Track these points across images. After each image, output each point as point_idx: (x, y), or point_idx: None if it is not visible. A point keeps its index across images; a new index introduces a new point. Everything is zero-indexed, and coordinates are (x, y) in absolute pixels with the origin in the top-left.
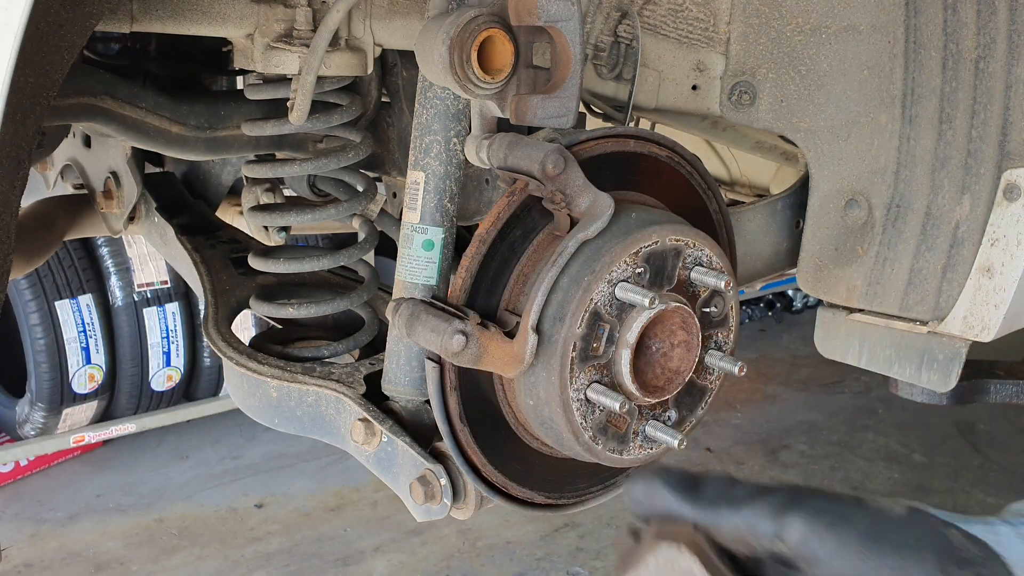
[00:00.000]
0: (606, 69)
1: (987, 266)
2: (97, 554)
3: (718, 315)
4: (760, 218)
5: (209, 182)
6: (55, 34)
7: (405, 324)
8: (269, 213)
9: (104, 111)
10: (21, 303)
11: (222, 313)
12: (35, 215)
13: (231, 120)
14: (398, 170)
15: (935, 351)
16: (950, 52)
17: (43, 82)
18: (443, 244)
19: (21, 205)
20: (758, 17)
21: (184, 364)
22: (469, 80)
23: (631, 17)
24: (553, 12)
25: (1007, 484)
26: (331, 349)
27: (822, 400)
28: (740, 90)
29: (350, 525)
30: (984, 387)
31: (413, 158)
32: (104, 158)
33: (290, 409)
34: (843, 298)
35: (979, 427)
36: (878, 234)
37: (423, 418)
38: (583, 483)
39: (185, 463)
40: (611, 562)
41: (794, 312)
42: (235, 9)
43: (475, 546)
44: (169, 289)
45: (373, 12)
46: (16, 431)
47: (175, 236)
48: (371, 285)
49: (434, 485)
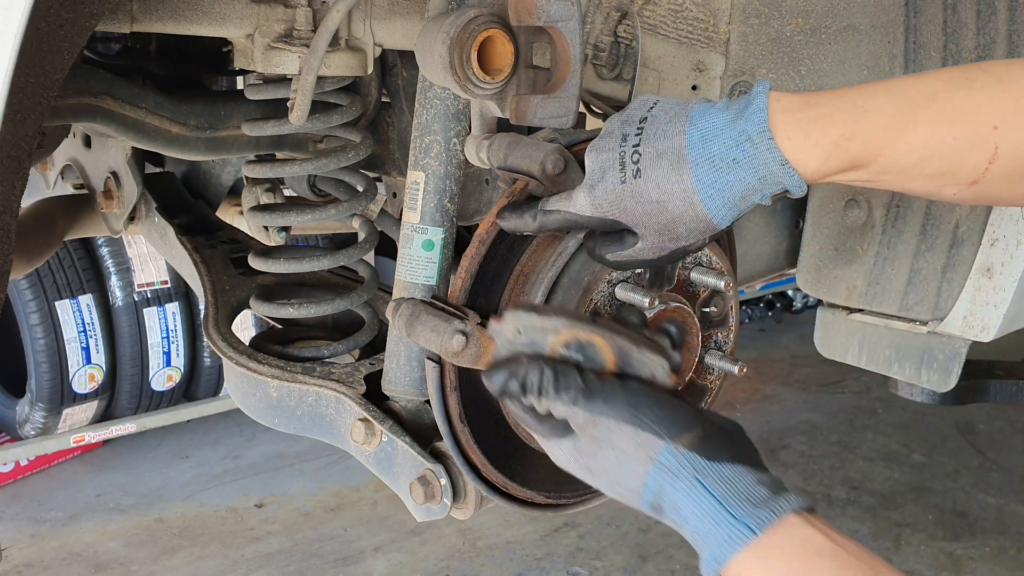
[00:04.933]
0: (606, 69)
1: (987, 266)
2: (97, 554)
3: (718, 315)
4: (760, 218)
5: (209, 182)
6: (55, 34)
7: (405, 324)
8: (269, 213)
9: (104, 111)
10: (21, 303)
11: (222, 313)
12: (35, 215)
13: (231, 120)
14: (398, 170)
15: (935, 351)
16: (950, 52)
17: (43, 82)
18: (443, 244)
19: (21, 205)
20: (758, 17)
21: (184, 364)
22: (469, 80)
23: (631, 17)
24: (553, 12)
25: (1007, 484)
26: (331, 349)
27: (822, 400)
28: (740, 90)
29: (350, 525)
30: (984, 387)
31: (413, 158)
32: (104, 158)
33: (290, 409)
34: (843, 298)
35: (979, 427)
36: (878, 234)
37: (423, 418)
38: (583, 483)
39: (185, 463)
40: (611, 562)
41: (794, 312)
42: (235, 9)
43: (475, 546)
44: (169, 289)
45: (373, 12)
46: (16, 431)
47: (175, 236)
48: (371, 285)
49: (434, 485)
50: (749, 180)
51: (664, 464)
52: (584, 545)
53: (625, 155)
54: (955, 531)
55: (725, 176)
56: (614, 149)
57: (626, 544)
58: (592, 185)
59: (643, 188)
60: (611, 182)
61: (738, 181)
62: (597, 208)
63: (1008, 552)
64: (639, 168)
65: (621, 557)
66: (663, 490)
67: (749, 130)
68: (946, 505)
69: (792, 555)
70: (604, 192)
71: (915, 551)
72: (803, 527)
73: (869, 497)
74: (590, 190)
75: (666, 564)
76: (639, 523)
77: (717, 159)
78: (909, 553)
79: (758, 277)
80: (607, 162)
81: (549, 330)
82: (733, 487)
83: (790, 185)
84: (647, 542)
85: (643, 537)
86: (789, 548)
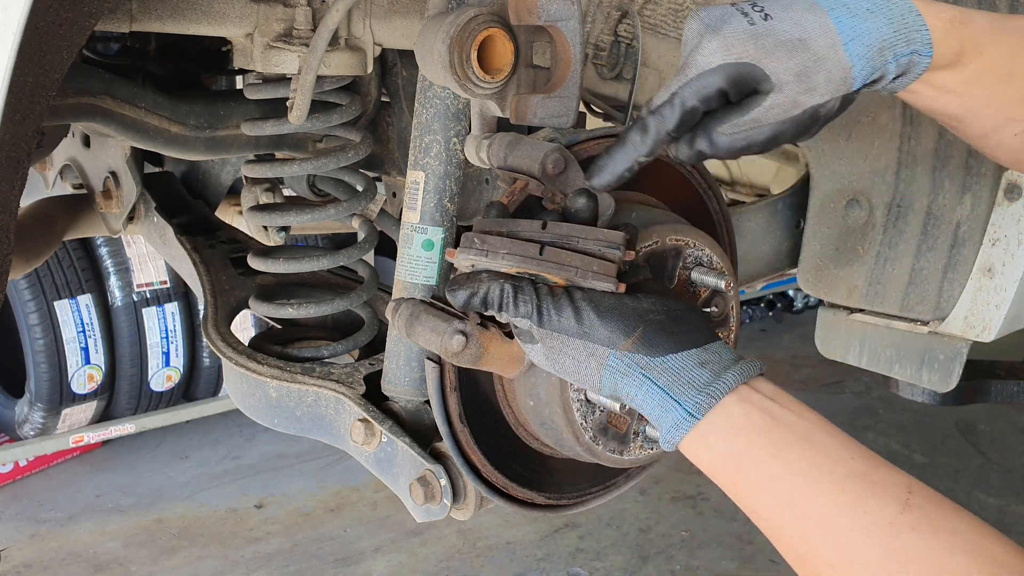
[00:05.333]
0: (606, 69)
1: (988, 266)
2: (97, 554)
3: (719, 315)
4: (760, 218)
5: (208, 182)
6: (55, 34)
7: (405, 324)
8: (269, 213)
9: (104, 111)
10: (20, 303)
11: (221, 313)
12: (35, 215)
13: (231, 120)
14: (398, 170)
15: (936, 351)
16: None
17: (43, 82)
18: (443, 244)
19: (21, 205)
20: None
21: (183, 364)
22: (469, 80)
23: (631, 17)
24: (553, 12)
25: (1007, 484)
26: (331, 349)
27: (822, 400)
28: None
29: (350, 525)
30: (984, 387)
31: (413, 158)
32: (103, 158)
33: (290, 409)
34: (844, 298)
35: (979, 427)
36: (879, 234)
37: (423, 418)
38: (583, 483)
39: (185, 463)
40: (611, 562)
41: (794, 312)
42: (235, 9)
43: (475, 546)
44: (168, 289)
45: (373, 12)
46: (15, 431)
47: (174, 236)
48: (371, 285)
49: (434, 485)
50: (886, 30)
51: (613, 367)
52: (584, 546)
53: (744, 9)
54: None
55: (863, 22)
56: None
57: (626, 544)
58: (716, 29)
59: (779, 27)
60: (738, 26)
61: (876, 29)
62: (728, 50)
63: None
64: (767, 14)
65: (621, 557)
66: (617, 386)
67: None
68: None
69: (730, 435)
70: (733, 32)
71: None
72: (740, 404)
73: None
74: (714, 32)
75: (666, 564)
76: (639, 523)
77: (851, 6)
78: None
79: (759, 277)
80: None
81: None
82: (677, 375)
83: (921, 47)
84: (647, 542)
85: (643, 537)
86: (729, 427)
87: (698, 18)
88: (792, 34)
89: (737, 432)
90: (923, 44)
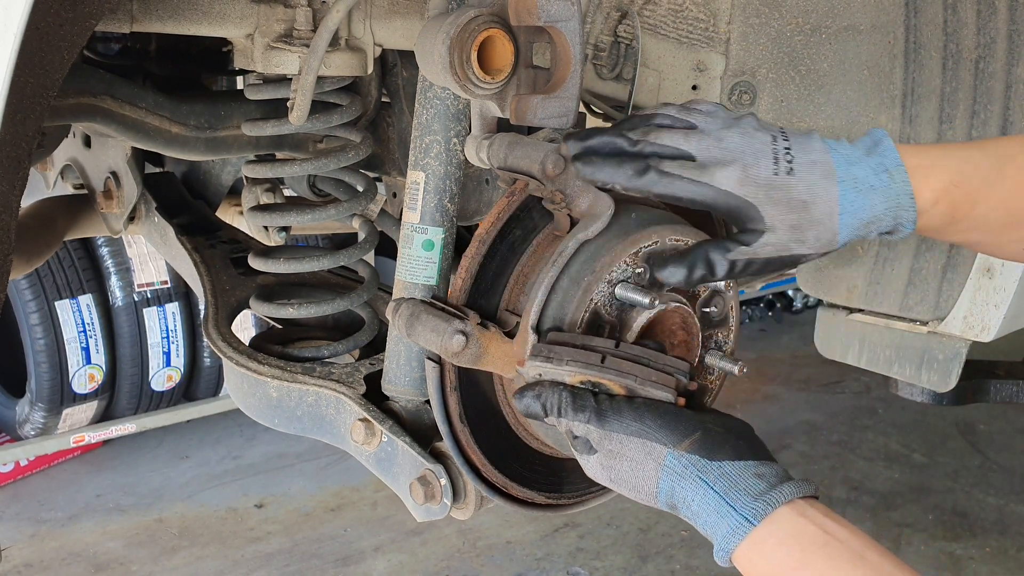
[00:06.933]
0: (606, 69)
1: (987, 266)
2: (97, 554)
3: (718, 315)
4: None
5: (209, 182)
6: (55, 34)
7: (405, 324)
8: (269, 213)
9: (104, 111)
10: (21, 303)
11: (222, 313)
12: (35, 215)
13: (231, 120)
14: (398, 170)
15: (935, 351)
16: (950, 52)
17: (43, 82)
18: (443, 244)
19: (21, 205)
20: (758, 17)
21: (184, 364)
22: (469, 80)
23: (631, 17)
24: (553, 12)
25: (1007, 484)
26: (331, 349)
27: (822, 400)
28: (740, 90)
29: (350, 525)
30: (984, 387)
31: (413, 158)
32: (104, 158)
33: (290, 409)
34: (843, 298)
35: (979, 427)
36: None
37: (423, 418)
38: (583, 483)
39: (185, 463)
40: (611, 562)
41: (794, 312)
42: (235, 9)
43: (475, 546)
44: (169, 289)
45: (373, 12)
46: (16, 431)
47: (175, 236)
48: (371, 285)
49: (434, 485)
50: (879, 208)
51: (671, 467)
52: (584, 545)
53: (778, 152)
54: (955, 531)
55: (864, 198)
56: (766, 143)
57: (626, 544)
58: (746, 165)
59: (794, 185)
60: (764, 169)
61: (871, 206)
62: (744, 187)
63: (1008, 552)
64: (792, 168)
65: (621, 557)
66: (674, 490)
67: (886, 163)
68: (946, 505)
69: (788, 544)
70: (757, 176)
71: (915, 551)
72: (795, 518)
73: (869, 497)
74: (744, 169)
75: (666, 564)
76: (639, 523)
77: (860, 182)
78: (909, 553)
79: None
80: (760, 152)
81: (565, 375)
82: (734, 482)
83: (905, 222)
84: (647, 542)
85: (643, 537)
86: (784, 537)
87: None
88: (801, 196)
89: (795, 542)
90: (908, 220)
